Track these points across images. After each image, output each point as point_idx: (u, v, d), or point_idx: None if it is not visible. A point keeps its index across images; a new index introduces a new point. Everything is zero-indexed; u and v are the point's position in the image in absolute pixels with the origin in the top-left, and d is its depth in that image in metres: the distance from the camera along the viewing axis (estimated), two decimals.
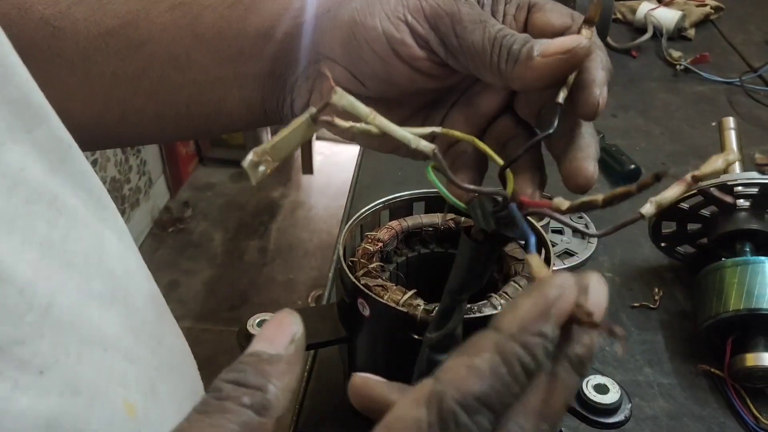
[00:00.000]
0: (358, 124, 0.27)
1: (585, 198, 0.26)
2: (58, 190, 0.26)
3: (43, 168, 0.26)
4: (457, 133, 0.31)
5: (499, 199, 0.30)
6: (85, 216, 0.28)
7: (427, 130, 0.28)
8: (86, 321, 0.25)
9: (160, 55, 0.40)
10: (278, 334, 0.24)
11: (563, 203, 0.26)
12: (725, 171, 0.24)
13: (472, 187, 0.31)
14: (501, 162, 0.31)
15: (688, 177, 0.24)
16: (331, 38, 0.37)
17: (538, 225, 0.48)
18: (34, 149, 0.25)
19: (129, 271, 0.32)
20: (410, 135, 0.27)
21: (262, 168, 0.25)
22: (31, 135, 0.25)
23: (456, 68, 0.35)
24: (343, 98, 0.26)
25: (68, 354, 0.23)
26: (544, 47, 0.31)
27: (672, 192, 0.25)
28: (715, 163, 0.24)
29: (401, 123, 0.28)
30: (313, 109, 0.26)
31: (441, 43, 0.34)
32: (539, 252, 0.27)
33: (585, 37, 0.31)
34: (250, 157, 0.25)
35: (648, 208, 0.25)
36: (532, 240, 0.26)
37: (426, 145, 0.28)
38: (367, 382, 0.26)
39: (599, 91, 0.32)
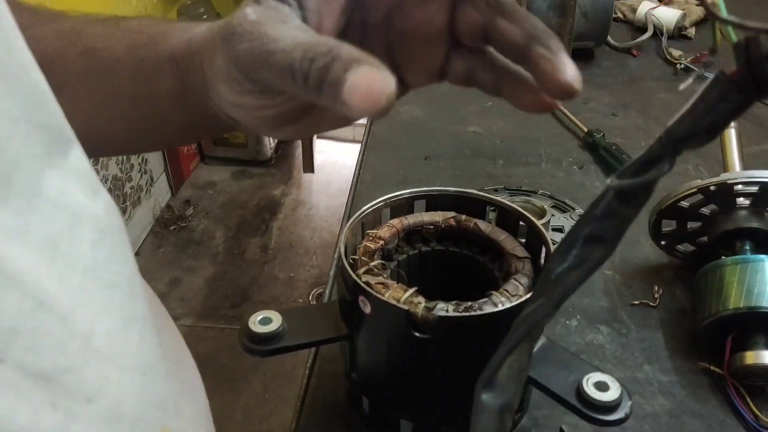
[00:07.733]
0: None
1: None
2: (100, 213, 0.26)
3: (85, 191, 0.25)
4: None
5: None
6: (123, 236, 0.28)
7: None
8: (126, 347, 0.25)
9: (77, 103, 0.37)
10: None
11: None
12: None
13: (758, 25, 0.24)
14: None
15: None
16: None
17: (539, 224, 0.48)
18: (73, 173, 0.25)
19: (149, 290, 0.32)
20: None
21: None
22: (68, 158, 0.25)
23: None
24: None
25: (110, 381, 0.23)
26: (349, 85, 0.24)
27: None
28: None
29: None
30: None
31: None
32: None
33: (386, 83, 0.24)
34: None
35: None
36: None
37: None
38: None
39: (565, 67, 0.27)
